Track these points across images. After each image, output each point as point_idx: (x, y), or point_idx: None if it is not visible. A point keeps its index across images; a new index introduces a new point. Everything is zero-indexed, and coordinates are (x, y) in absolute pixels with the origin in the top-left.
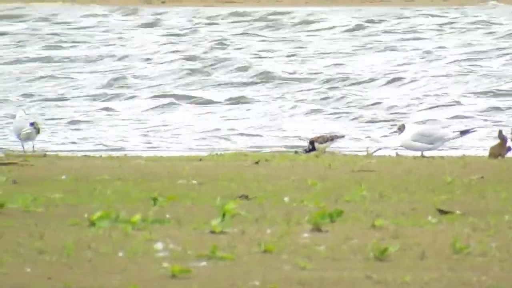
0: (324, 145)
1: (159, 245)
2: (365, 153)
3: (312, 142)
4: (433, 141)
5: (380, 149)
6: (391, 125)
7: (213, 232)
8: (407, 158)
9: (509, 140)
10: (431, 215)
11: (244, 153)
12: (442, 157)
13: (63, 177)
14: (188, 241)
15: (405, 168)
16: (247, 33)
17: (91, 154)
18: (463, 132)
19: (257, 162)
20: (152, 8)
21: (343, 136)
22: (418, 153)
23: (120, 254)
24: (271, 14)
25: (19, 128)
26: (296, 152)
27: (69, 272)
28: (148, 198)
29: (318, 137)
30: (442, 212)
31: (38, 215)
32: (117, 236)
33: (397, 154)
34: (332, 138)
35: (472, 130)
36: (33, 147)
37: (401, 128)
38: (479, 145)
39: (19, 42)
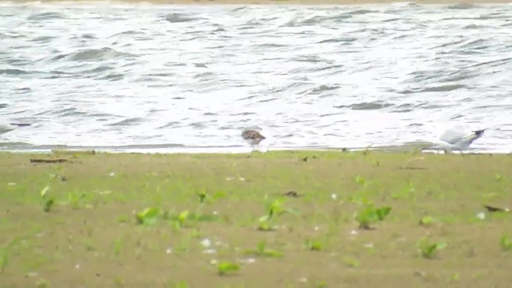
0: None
1: (206, 242)
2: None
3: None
4: (454, 140)
5: (429, 146)
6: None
7: (260, 229)
8: (455, 155)
9: None
10: (479, 212)
11: (291, 150)
12: (490, 154)
13: (112, 174)
14: (236, 238)
15: (453, 165)
16: None
17: None
18: (478, 133)
19: (305, 159)
20: None
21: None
22: (466, 151)
23: (168, 251)
24: None
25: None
26: (343, 149)
27: (118, 268)
28: (196, 195)
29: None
30: (490, 209)
31: (87, 212)
32: (165, 233)
33: (445, 152)
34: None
35: (485, 129)
36: None
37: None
38: None
39: None
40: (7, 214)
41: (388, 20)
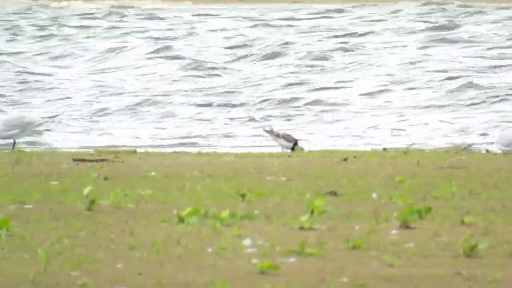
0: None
1: (247, 241)
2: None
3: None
4: (506, 144)
5: (470, 146)
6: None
7: (301, 228)
8: (497, 155)
9: None
10: None
11: (333, 150)
12: None
13: (153, 173)
14: (277, 237)
15: (495, 165)
16: None
17: None
18: None
19: (345, 159)
20: None
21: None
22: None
23: (209, 250)
24: None
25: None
26: (384, 149)
27: (159, 267)
28: (237, 194)
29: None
30: None
31: (129, 211)
32: (206, 232)
33: (487, 151)
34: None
35: None
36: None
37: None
38: None
39: None
40: (50, 213)
41: None
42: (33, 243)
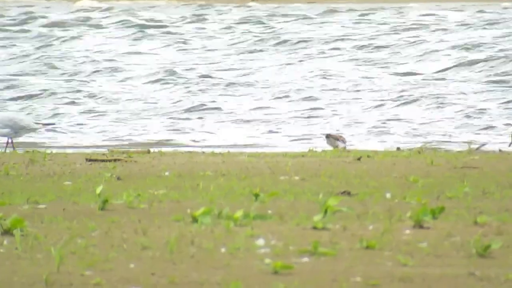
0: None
1: (261, 241)
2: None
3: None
4: None
5: (484, 145)
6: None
7: (315, 228)
8: (511, 154)
9: None
10: None
11: (346, 149)
12: None
13: (167, 173)
14: (290, 237)
15: (509, 164)
16: None
17: None
18: None
19: (359, 159)
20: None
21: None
22: None
23: (223, 250)
24: None
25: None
26: (398, 148)
27: (172, 267)
28: (250, 194)
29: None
30: None
31: (142, 211)
32: (219, 232)
33: (500, 151)
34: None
35: None
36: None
37: None
38: None
39: None
40: (63, 213)
41: None
42: (46, 242)
